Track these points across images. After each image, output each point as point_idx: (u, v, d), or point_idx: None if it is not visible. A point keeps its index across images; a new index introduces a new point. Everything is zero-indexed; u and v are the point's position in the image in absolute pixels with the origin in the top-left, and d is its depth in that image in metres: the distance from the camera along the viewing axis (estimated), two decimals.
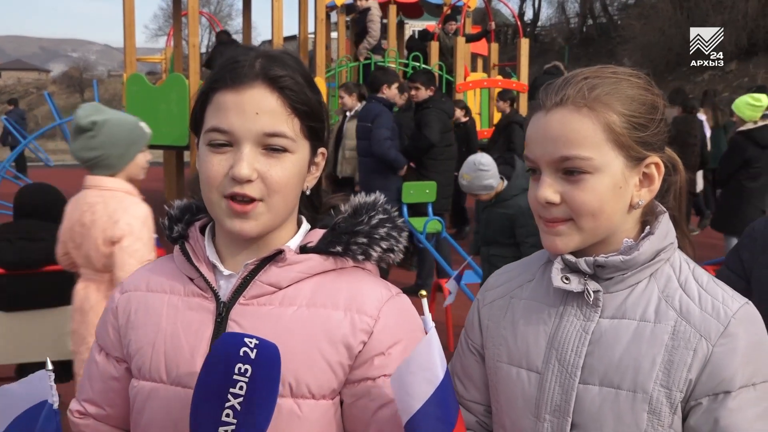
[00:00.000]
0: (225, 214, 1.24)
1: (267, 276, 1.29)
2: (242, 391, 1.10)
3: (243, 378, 1.10)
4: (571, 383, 1.28)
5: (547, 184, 1.27)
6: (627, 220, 1.30)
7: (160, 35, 54.66)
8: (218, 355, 1.12)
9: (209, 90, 1.26)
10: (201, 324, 1.30)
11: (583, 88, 1.26)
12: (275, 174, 1.23)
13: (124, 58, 10.59)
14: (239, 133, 1.22)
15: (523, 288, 1.43)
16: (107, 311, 1.42)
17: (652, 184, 1.30)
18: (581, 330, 1.29)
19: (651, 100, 1.29)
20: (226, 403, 1.11)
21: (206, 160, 1.24)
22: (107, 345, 1.41)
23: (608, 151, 1.24)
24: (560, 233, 1.28)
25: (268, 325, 1.26)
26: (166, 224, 1.40)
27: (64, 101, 46.01)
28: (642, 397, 1.23)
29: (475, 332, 1.48)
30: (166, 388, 1.29)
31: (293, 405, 1.25)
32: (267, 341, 1.12)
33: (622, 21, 36.42)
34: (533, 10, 44.94)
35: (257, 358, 1.11)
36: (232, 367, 1.10)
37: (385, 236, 1.33)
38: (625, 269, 1.28)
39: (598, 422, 1.25)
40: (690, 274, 1.30)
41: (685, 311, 1.25)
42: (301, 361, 1.24)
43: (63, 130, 13.88)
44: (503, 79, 12.16)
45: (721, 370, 1.20)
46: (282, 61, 1.27)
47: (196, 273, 1.33)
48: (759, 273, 1.93)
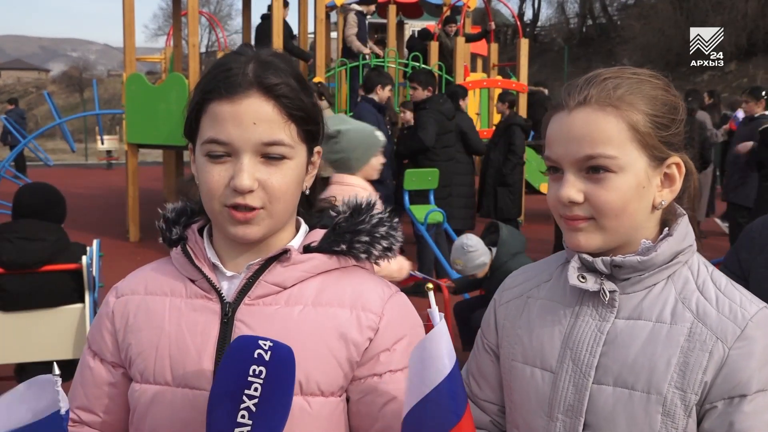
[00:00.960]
0: (228, 222, 1.25)
1: (272, 276, 1.30)
2: (257, 392, 1.11)
3: (258, 380, 1.11)
4: (585, 383, 1.27)
5: (570, 183, 1.26)
6: (649, 221, 1.30)
7: (159, 35, 54.69)
8: (233, 357, 1.13)
9: (203, 99, 1.26)
10: (206, 325, 1.29)
11: (607, 87, 1.26)
12: (275, 182, 1.24)
13: (123, 58, 10.59)
14: (237, 144, 1.22)
15: (540, 288, 1.42)
16: (102, 316, 1.41)
17: (674, 185, 1.30)
18: (596, 330, 1.29)
19: (672, 100, 1.29)
20: (241, 404, 1.11)
21: (206, 171, 1.25)
22: (102, 350, 1.39)
23: (632, 151, 1.24)
24: (582, 230, 1.27)
25: (276, 325, 1.27)
26: (163, 227, 1.40)
27: (63, 101, 45.99)
28: (656, 398, 1.22)
29: (491, 332, 1.48)
30: (172, 390, 1.29)
31: (303, 402, 1.26)
32: (281, 343, 1.13)
33: (621, 21, 36.44)
34: (533, 11, 45.05)
35: (271, 359, 1.12)
36: (247, 369, 1.11)
37: (385, 235, 1.36)
38: (643, 270, 1.27)
39: (612, 423, 1.25)
40: (708, 276, 1.29)
41: (701, 313, 1.24)
42: (310, 359, 1.26)
43: (62, 130, 13.88)
44: (503, 79, 12.16)
45: (737, 373, 1.19)
46: (274, 66, 1.26)
47: (198, 274, 1.33)
48: (757, 273, 1.93)
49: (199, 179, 1.29)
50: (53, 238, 4.15)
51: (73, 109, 37.09)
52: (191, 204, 1.41)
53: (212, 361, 1.27)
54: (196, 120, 1.28)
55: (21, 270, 4.07)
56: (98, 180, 18.18)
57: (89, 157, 24.72)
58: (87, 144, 25.57)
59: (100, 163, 22.32)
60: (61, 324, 4.14)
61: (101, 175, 19.50)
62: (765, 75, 26.24)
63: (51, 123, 14.48)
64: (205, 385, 1.25)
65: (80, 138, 26.05)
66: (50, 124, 14.75)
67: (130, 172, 10.22)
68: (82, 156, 24.72)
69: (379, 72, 8.08)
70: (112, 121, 28.19)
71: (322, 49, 10.82)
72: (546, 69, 34.64)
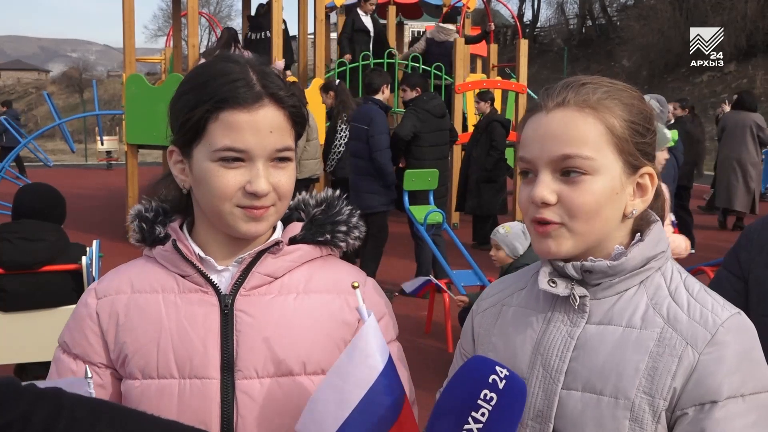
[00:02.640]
0: (240, 220, 1.32)
1: (264, 267, 1.38)
2: (483, 417, 1.13)
3: (487, 405, 1.13)
4: (554, 388, 1.26)
5: (544, 183, 1.25)
6: (620, 229, 1.30)
7: (159, 36, 54.67)
8: (467, 375, 1.15)
9: (213, 108, 1.29)
10: (206, 317, 1.35)
11: (585, 91, 1.26)
12: (285, 183, 1.34)
13: (123, 59, 10.59)
14: (255, 151, 1.30)
15: (514, 296, 1.43)
16: (82, 318, 1.41)
17: (646, 195, 1.30)
18: (567, 335, 1.28)
19: (647, 110, 1.30)
20: (465, 425, 1.13)
21: (218, 175, 1.30)
22: (87, 353, 1.40)
23: (608, 154, 1.24)
24: (552, 236, 1.26)
25: (275, 312, 1.36)
26: (144, 227, 1.43)
27: (63, 101, 46.03)
28: (624, 403, 1.20)
29: (468, 341, 1.49)
30: (180, 382, 1.33)
31: (308, 381, 1.36)
32: (517, 375, 1.16)
33: (621, 22, 36.46)
34: (532, 11, 45.04)
35: (505, 389, 1.13)
36: (479, 392, 1.13)
37: (357, 224, 1.48)
38: (613, 275, 1.27)
39: (580, 428, 1.24)
40: (681, 282, 1.29)
41: (672, 318, 1.23)
42: (311, 341, 1.37)
43: (62, 130, 13.88)
44: (502, 80, 12.16)
45: (708, 379, 1.17)
46: (272, 75, 1.35)
47: (191, 269, 1.38)
48: (756, 273, 1.93)
49: (202, 183, 1.32)
50: (53, 238, 4.15)
51: (72, 110, 37.12)
52: (163, 204, 1.46)
53: (218, 350, 1.33)
54: (202, 125, 1.31)
55: (21, 270, 4.08)
56: (98, 180, 18.18)
57: (89, 157, 24.71)
58: (87, 145, 25.57)
59: (100, 164, 22.30)
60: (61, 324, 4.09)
61: (101, 176, 19.50)
62: (764, 76, 26.27)
63: (51, 124, 14.50)
64: (213, 373, 1.32)
65: (80, 138, 26.06)
66: (50, 124, 14.75)
67: (130, 173, 10.23)
68: (81, 157, 24.71)
69: (380, 72, 8.08)
70: (112, 122, 28.17)
71: (322, 49, 10.82)
72: (545, 70, 34.68)
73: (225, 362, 1.33)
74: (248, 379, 1.33)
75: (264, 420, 1.32)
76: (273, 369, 1.34)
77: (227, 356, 1.33)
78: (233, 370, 1.33)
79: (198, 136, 1.32)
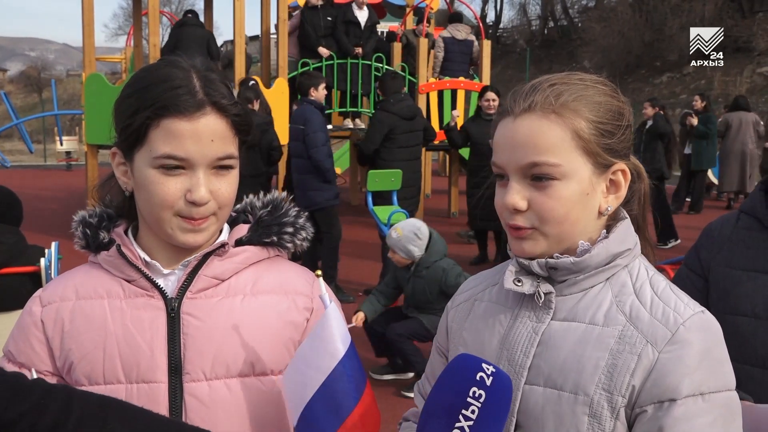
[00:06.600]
0: (178, 230, 1.33)
1: (211, 269, 1.38)
2: (474, 415, 1.13)
3: (476, 402, 1.14)
4: (518, 384, 1.27)
5: (515, 190, 1.26)
6: (594, 227, 1.30)
7: (120, 34, 53.84)
8: (455, 373, 1.16)
9: (154, 114, 1.28)
10: (153, 321, 1.35)
11: (552, 93, 1.26)
12: (225, 191, 1.34)
13: (83, 58, 10.46)
14: (195, 159, 1.29)
15: (487, 291, 1.44)
16: (27, 326, 1.39)
17: (619, 191, 1.30)
18: (531, 331, 1.29)
19: (617, 106, 1.30)
20: (456, 423, 1.14)
21: (158, 183, 1.29)
22: (33, 361, 1.37)
23: (576, 158, 1.25)
24: (526, 238, 1.28)
25: (222, 314, 1.36)
26: (89, 233, 1.42)
27: (21, 101, 45.24)
28: (583, 399, 1.21)
29: (443, 335, 1.50)
30: (126, 387, 1.32)
31: (257, 382, 1.37)
32: (503, 372, 1.16)
33: (582, 23, 36.86)
34: (495, 12, 45.30)
35: (492, 385, 1.14)
36: (468, 389, 1.14)
37: (304, 225, 1.49)
38: (578, 271, 1.28)
39: (540, 423, 1.25)
40: (647, 280, 1.29)
41: (634, 316, 1.24)
42: (259, 342, 1.37)
43: (20, 131, 13.65)
44: (465, 80, 12.22)
45: (667, 377, 1.18)
46: (216, 82, 1.33)
47: (137, 274, 1.37)
48: (716, 271, 1.95)
49: (143, 188, 1.32)
50: (11, 240, 4.08)
51: (31, 110, 36.49)
52: (107, 210, 1.46)
53: (165, 354, 1.33)
54: (144, 131, 1.29)
55: None
56: (57, 181, 17.88)
57: (48, 158, 24.33)
58: (45, 145, 25.17)
59: (59, 165, 21.96)
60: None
61: (60, 177, 19.18)
62: (722, 77, 26.75)
63: (8, 123, 14.24)
64: (160, 377, 1.32)
65: (39, 139, 25.66)
66: (7, 124, 14.50)
67: (90, 174, 10.10)
68: (40, 157, 24.32)
69: (309, 75, 8.16)
70: (72, 122, 27.80)
71: (285, 49, 10.77)
72: (509, 70, 34.94)
73: (172, 366, 1.33)
74: (196, 382, 1.33)
75: (212, 422, 1.32)
76: (221, 371, 1.34)
77: (174, 359, 1.33)
78: (181, 373, 1.33)
79: (139, 141, 1.30)
